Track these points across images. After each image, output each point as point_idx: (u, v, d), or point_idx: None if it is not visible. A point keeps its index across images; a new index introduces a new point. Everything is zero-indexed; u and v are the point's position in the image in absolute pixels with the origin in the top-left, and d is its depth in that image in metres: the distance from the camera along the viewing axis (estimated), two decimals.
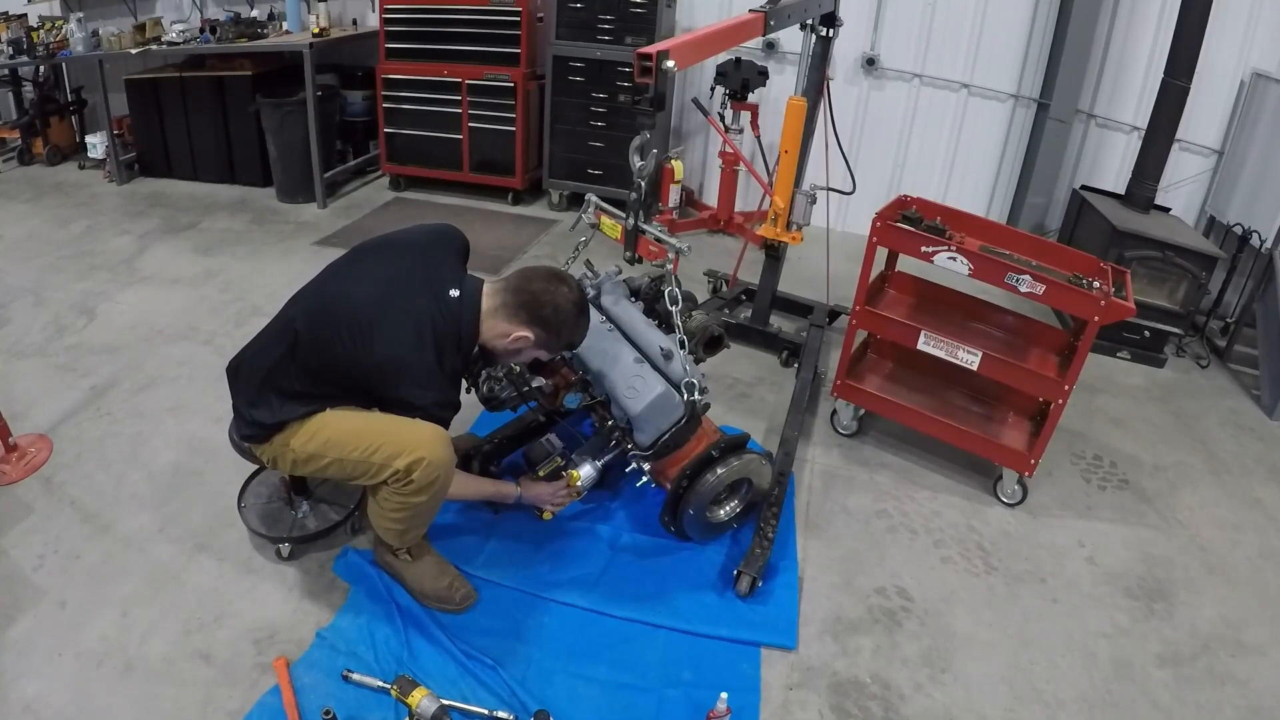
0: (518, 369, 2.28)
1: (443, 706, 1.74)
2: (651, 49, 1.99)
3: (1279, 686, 2.10)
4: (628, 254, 2.37)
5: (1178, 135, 3.93)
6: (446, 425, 1.91)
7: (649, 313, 2.42)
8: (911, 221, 2.70)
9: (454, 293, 1.89)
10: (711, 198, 5.10)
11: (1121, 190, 4.10)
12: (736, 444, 2.26)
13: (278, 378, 1.91)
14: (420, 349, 1.82)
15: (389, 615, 2.03)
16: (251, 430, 1.96)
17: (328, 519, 2.28)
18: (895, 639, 2.14)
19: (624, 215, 2.35)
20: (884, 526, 2.55)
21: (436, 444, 1.86)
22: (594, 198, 2.47)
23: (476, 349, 1.99)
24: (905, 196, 2.91)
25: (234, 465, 2.36)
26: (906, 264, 2.89)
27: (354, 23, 5.34)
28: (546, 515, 2.33)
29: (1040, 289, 2.42)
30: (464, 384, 2.39)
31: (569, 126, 4.83)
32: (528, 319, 1.92)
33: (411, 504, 1.91)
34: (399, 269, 1.93)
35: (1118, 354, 3.81)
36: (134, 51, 4.67)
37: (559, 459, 2.37)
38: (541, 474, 2.34)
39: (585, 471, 2.29)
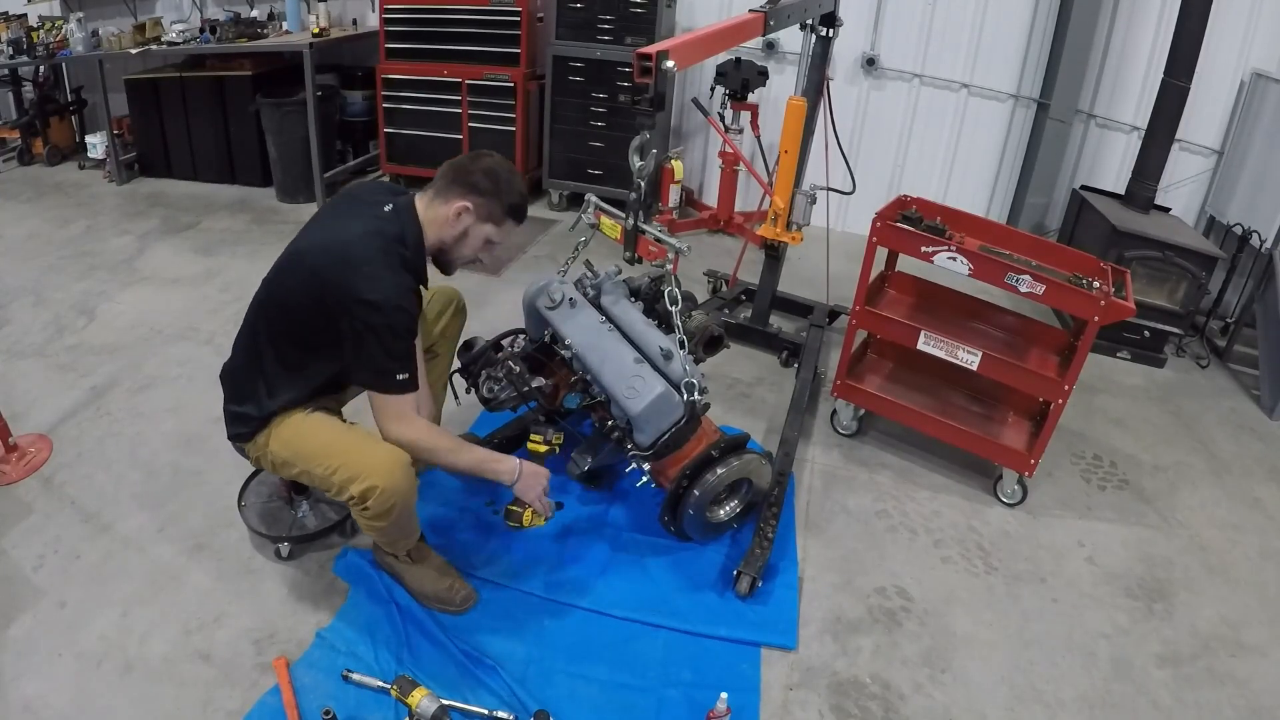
0: (517, 369, 2.29)
1: (443, 706, 1.74)
2: (651, 49, 1.99)
3: (1279, 686, 2.10)
4: (627, 254, 2.37)
5: (1178, 135, 3.93)
6: (408, 334, 1.83)
7: (649, 313, 2.42)
8: (911, 221, 2.70)
9: (387, 207, 1.90)
10: (711, 198, 5.10)
11: (1121, 190, 4.10)
12: (736, 444, 2.25)
13: (260, 362, 1.93)
14: (367, 248, 1.80)
15: (389, 615, 2.03)
16: (238, 429, 1.98)
17: (327, 518, 2.28)
18: (895, 639, 2.14)
19: (624, 215, 2.34)
20: (884, 526, 2.55)
21: (393, 471, 1.82)
22: (594, 198, 2.47)
23: (429, 257, 1.96)
24: (905, 196, 2.91)
25: (234, 465, 2.36)
26: (906, 264, 2.89)
27: (354, 23, 5.34)
28: (513, 522, 2.08)
29: (1040, 289, 2.42)
30: (467, 385, 2.40)
31: (569, 126, 4.83)
32: (461, 190, 1.90)
33: (374, 528, 1.92)
34: (336, 215, 1.95)
35: (1118, 354, 3.81)
36: (134, 51, 4.67)
37: (555, 441, 2.18)
38: (541, 447, 2.15)
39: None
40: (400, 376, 1.82)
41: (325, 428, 1.94)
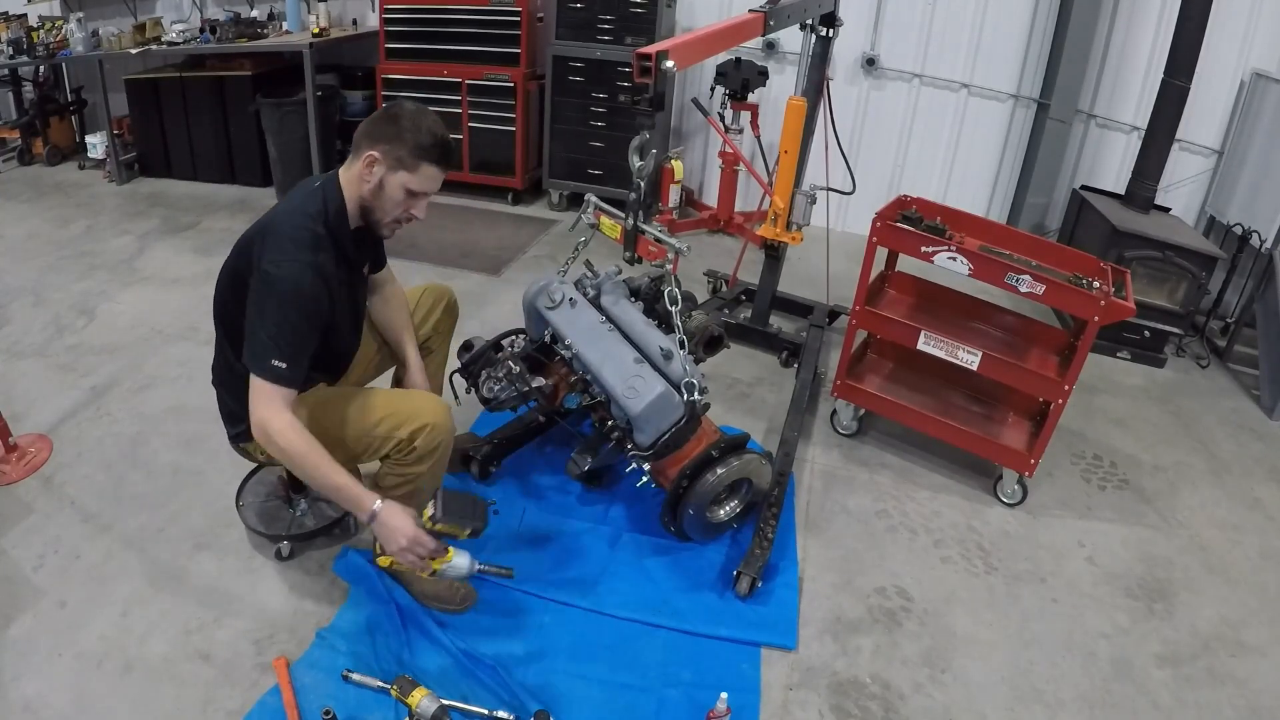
0: (517, 369, 2.29)
1: (443, 706, 1.74)
2: (651, 49, 1.99)
3: (1279, 686, 2.10)
4: (627, 254, 2.37)
5: (1178, 135, 3.93)
6: (298, 317, 1.72)
7: (649, 313, 2.42)
8: (911, 221, 2.70)
9: (316, 183, 1.89)
10: (711, 198, 5.10)
11: (1121, 190, 4.10)
12: (736, 444, 2.25)
13: (227, 358, 1.94)
14: (284, 223, 1.79)
15: (389, 615, 2.02)
16: (237, 428, 1.98)
17: (326, 516, 2.28)
18: (895, 639, 2.13)
19: (624, 215, 2.35)
20: (884, 526, 2.55)
21: (440, 410, 1.90)
22: (594, 198, 2.47)
23: (360, 220, 1.90)
24: (905, 196, 2.91)
25: (234, 465, 2.37)
26: (906, 264, 2.89)
27: (354, 23, 5.34)
28: (384, 560, 1.86)
29: (1040, 289, 2.42)
30: (469, 384, 2.40)
31: (569, 126, 4.83)
32: (366, 141, 1.81)
33: (411, 475, 1.91)
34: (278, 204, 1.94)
35: (1118, 354, 3.81)
36: (134, 51, 4.67)
37: (465, 529, 1.83)
38: (437, 527, 1.80)
39: (457, 561, 1.82)
40: (275, 363, 1.69)
41: (348, 394, 1.95)
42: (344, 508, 1.89)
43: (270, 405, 1.71)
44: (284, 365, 1.71)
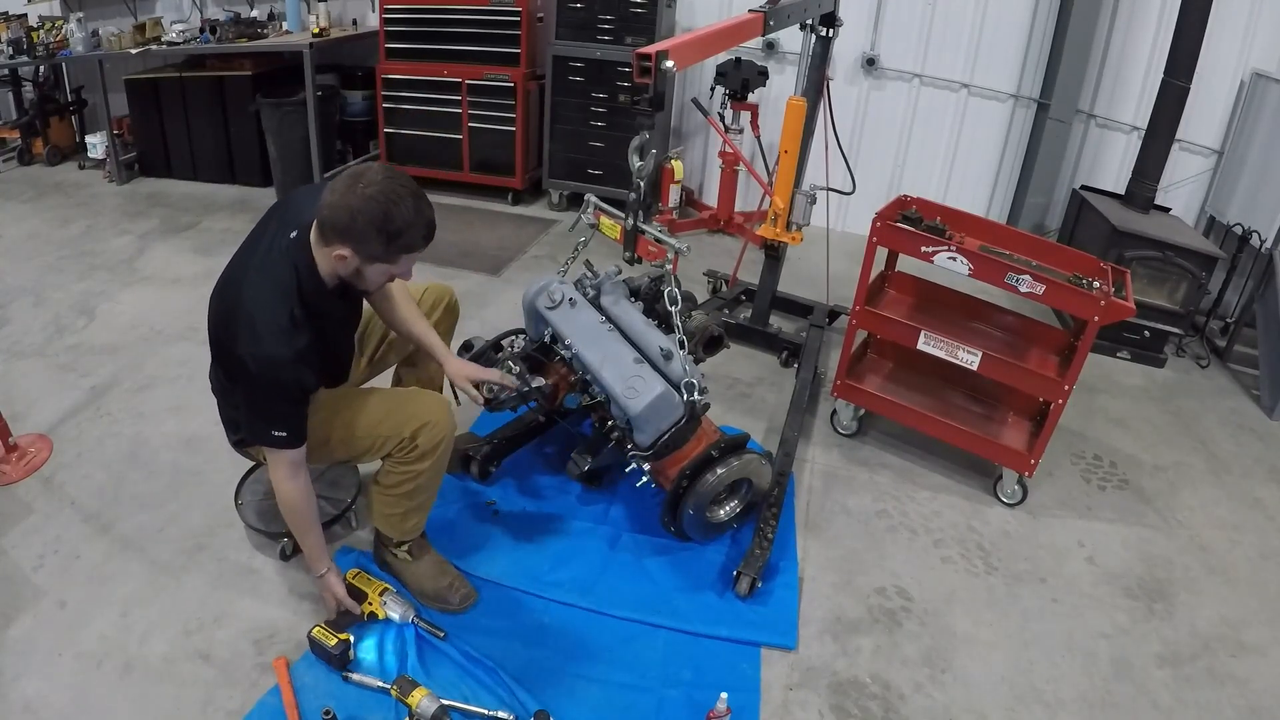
0: (517, 369, 2.28)
1: (443, 706, 1.74)
2: (651, 49, 1.99)
3: (1279, 686, 2.10)
4: (627, 254, 2.37)
5: (1178, 135, 3.93)
6: (281, 397, 1.72)
7: (649, 313, 2.42)
8: (911, 221, 2.70)
9: (293, 234, 1.76)
10: (711, 198, 5.10)
11: (1121, 190, 4.10)
12: (736, 444, 2.25)
13: (219, 378, 1.95)
14: (256, 298, 1.71)
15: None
16: (239, 434, 2.00)
17: (325, 513, 2.28)
18: (895, 639, 2.13)
19: (623, 215, 2.35)
20: (884, 526, 2.55)
21: (443, 410, 1.94)
22: (593, 198, 2.47)
23: (339, 284, 1.82)
24: (905, 196, 2.91)
25: (234, 465, 2.37)
26: (906, 264, 2.89)
27: (354, 23, 5.34)
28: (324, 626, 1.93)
29: (1040, 289, 2.42)
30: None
31: (569, 126, 4.83)
32: (333, 237, 1.68)
33: (414, 472, 1.93)
34: (255, 237, 1.85)
35: (1118, 354, 3.81)
36: (134, 51, 4.67)
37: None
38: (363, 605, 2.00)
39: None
40: (276, 434, 1.76)
41: (351, 395, 1.98)
42: (304, 557, 2.00)
43: (281, 470, 1.82)
44: (284, 434, 1.77)
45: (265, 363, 1.68)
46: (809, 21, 2.97)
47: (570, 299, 2.35)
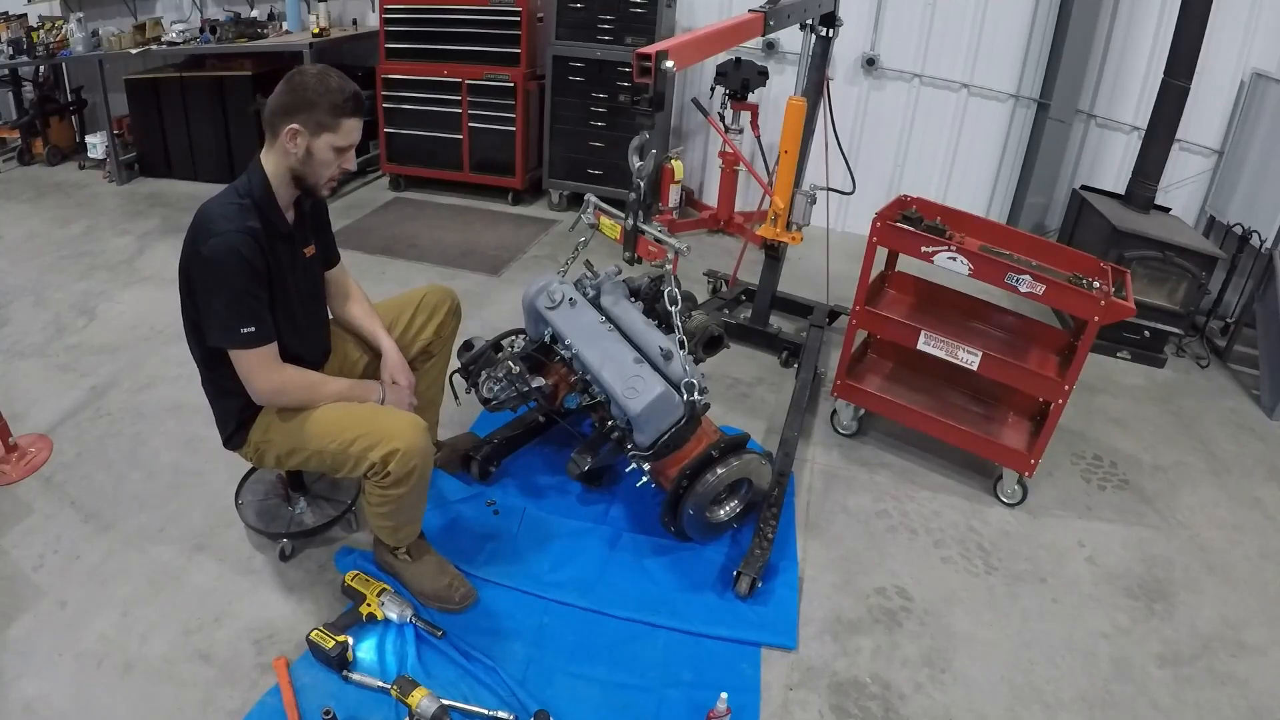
0: (517, 369, 2.29)
1: (443, 706, 1.74)
2: (651, 49, 1.99)
3: (1279, 686, 2.10)
4: (627, 254, 2.37)
5: (1178, 135, 3.93)
6: (240, 284, 1.78)
7: (649, 313, 2.42)
8: (911, 221, 2.70)
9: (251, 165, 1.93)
10: (711, 198, 5.10)
11: (1121, 190, 4.10)
12: (736, 444, 2.25)
13: (200, 363, 1.96)
14: (211, 208, 1.88)
15: None
16: (226, 433, 2.01)
17: (325, 514, 2.29)
18: (895, 639, 2.13)
19: (624, 215, 2.35)
20: (884, 526, 2.55)
21: (413, 433, 1.87)
22: (593, 198, 2.47)
23: (296, 191, 1.96)
24: (905, 196, 2.91)
25: (233, 466, 2.36)
26: (906, 264, 2.89)
27: (354, 23, 5.35)
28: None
29: (1040, 289, 2.42)
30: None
31: (569, 126, 4.83)
32: (280, 117, 1.87)
33: (392, 496, 1.92)
34: None
35: (1118, 354, 3.81)
36: (134, 51, 4.68)
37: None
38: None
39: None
40: (245, 330, 1.79)
41: (330, 407, 1.95)
42: (361, 398, 1.99)
43: (261, 372, 1.85)
44: (252, 329, 1.80)
45: (217, 244, 1.77)
46: (809, 21, 2.97)
47: (570, 299, 2.35)
